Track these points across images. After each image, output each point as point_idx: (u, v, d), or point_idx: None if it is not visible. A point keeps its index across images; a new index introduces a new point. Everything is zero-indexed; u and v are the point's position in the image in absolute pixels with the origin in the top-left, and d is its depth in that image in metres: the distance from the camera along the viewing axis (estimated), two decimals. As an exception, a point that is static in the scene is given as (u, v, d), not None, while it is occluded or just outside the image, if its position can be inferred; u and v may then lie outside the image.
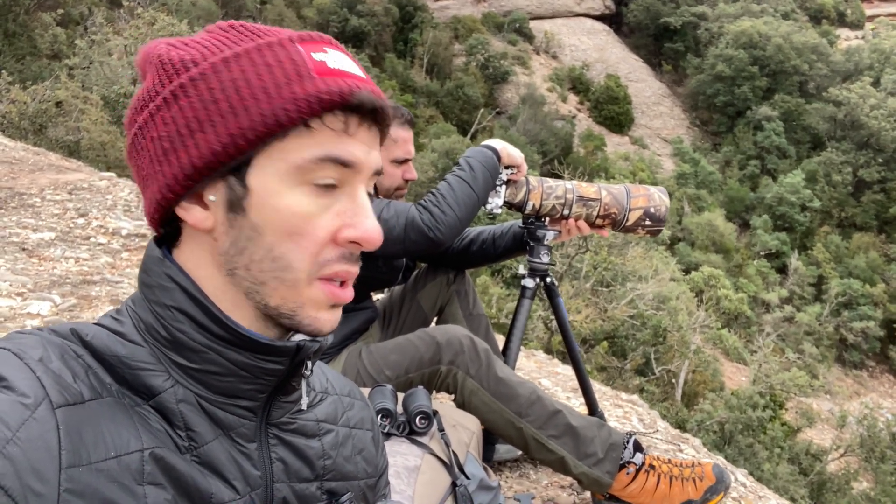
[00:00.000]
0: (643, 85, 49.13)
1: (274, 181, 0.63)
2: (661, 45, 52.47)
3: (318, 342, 0.71)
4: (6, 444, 0.51)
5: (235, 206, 0.64)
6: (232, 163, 0.63)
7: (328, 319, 0.68)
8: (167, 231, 0.69)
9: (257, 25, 0.68)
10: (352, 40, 39.16)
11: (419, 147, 26.93)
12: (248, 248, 0.64)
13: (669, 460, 1.98)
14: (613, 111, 45.03)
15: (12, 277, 3.00)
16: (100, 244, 3.91)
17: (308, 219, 0.64)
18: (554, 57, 49.58)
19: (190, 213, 0.65)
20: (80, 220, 4.29)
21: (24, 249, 3.53)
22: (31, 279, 3.06)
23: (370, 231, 0.66)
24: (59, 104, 10.22)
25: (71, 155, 8.61)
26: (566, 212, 2.06)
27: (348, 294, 0.69)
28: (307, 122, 0.63)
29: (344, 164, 0.65)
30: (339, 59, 0.66)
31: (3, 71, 10.92)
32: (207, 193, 0.65)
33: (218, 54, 0.64)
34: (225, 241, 0.65)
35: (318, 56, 0.65)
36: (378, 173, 0.70)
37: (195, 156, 0.63)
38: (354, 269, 0.68)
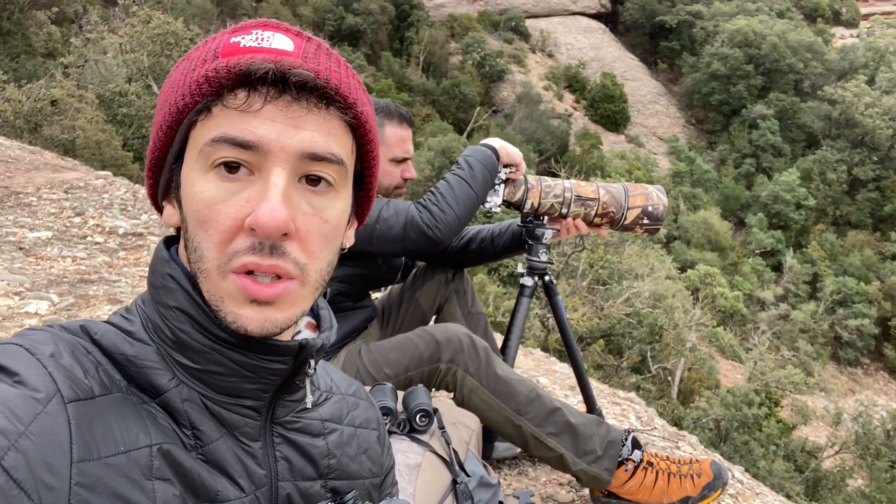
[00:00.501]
0: (639, 83, 49.19)
1: (189, 170, 0.64)
2: (656, 43, 52.52)
3: (321, 340, 0.71)
4: (19, 437, 0.51)
5: (178, 199, 0.66)
6: (169, 157, 0.66)
7: (252, 317, 0.62)
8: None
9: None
10: (348, 39, 39.11)
11: (415, 146, 26.91)
12: (186, 240, 0.65)
13: (668, 457, 1.99)
14: (609, 110, 45.08)
15: (10, 277, 2.99)
16: (97, 243, 3.90)
17: (212, 205, 0.61)
18: (550, 55, 49.59)
19: (165, 210, 0.69)
20: (77, 219, 4.27)
21: (21, 248, 3.52)
22: (28, 278, 3.05)
23: (260, 215, 0.59)
24: (54, 103, 10.19)
25: (66, 154, 8.59)
26: (564, 210, 2.06)
27: (269, 290, 0.62)
28: (210, 105, 0.61)
29: (241, 144, 0.60)
30: (261, 38, 0.63)
31: (-2, 69, 10.88)
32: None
33: None
34: (183, 234, 0.67)
35: (235, 38, 0.63)
36: (315, 157, 0.63)
37: (148, 152, 0.69)
38: (268, 262, 0.61)
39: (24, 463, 0.51)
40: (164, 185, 0.69)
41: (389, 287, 2.34)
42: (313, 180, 0.64)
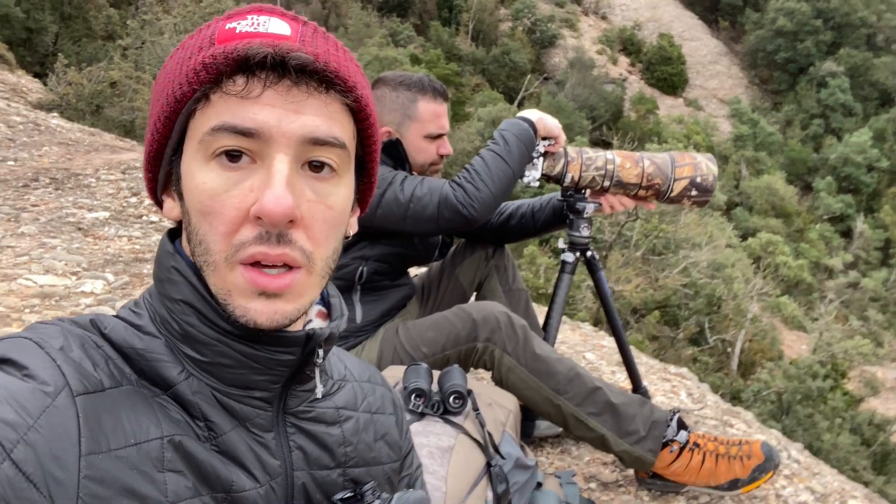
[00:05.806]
0: (698, 43, 47.18)
1: (189, 161, 0.63)
2: (717, 0, 50.16)
3: (330, 329, 0.70)
4: (27, 430, 0.52)
5: (179, 192, 0.65)
6: (168, 149, 0.65)
7: (262, 311, 0.61)
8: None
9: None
10: (396, 9, 38.81)
11: (465, 116, 26.66)
12: (189, 233, 0.64)
13: (716, 438, 1.92)
14: (666, 72, 43.46)
15: (67, 257, 3.12)
16: (151, 222, 4.03)
17: (215, 196, 0.60)
18: (603, 18, 48.04)
19: (165, 203, 0.68)
20: (133, 199, 4.42)
21: (79, 229, 3.66)
22: (85, 258, 3.17)
23: (266, 203, 0.58)
24: (113, 84, 10.49)
25: (127, 134, 8.86)
26: (606, 183, 1.99)
27: (278, 282, 0.61)
28: (208, 93, 0.60)
29: (242, 132, 0.59)
30: (257, 23, 0.61)
31: (60, 54, 11.26)
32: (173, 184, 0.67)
33: None
34: (185, 228, 0.66)
35: (231, 24, 0.62)
36: (318, 141, 0.61)
37: (146, 145, 0.67)
38: (276, 251, 0.60)
39: (34, 456, 0.51)
40: (163, 179, 0.68)
41: (430, 264, 2.32)
42: (316, 166, 0.63)
